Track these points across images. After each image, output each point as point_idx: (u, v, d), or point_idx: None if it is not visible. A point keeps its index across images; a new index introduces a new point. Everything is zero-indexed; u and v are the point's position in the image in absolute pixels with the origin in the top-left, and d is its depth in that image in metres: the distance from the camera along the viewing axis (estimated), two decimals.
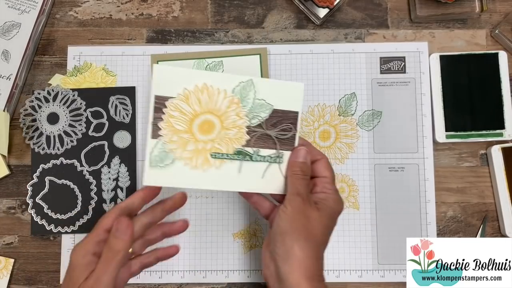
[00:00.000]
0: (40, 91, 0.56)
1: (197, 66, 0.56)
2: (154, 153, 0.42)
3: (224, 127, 0.44)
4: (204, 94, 0.43)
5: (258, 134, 0.44)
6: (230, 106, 0.44)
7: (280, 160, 0.44)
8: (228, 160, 0.44)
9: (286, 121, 0.44)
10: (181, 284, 0.55)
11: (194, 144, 0.43)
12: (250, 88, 0.44)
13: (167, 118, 0.43)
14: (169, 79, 0.43)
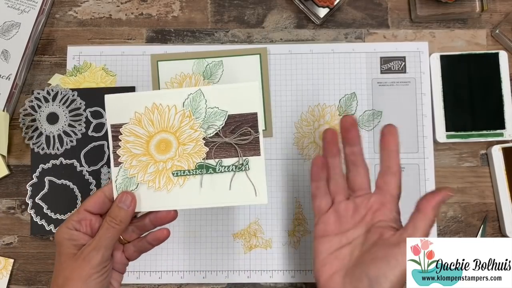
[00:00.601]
0: (40, 91, 0.56)
1: (197, 66, 0.56)
2: (119, 180, 0.43)
3: (181, 143, 0.43)
4: (155, 114, 0.43)
5: (218, 144, 0.42)
6: (182, 120, 0.43)
7: (246, 167, 0.42)
8: (191, 176, 0.42)
9: (245, 124, 0.42)
10: (181, 284, 0.55)
11: (154, 166, 0.43)
12: (200, 98, 0.42)
13: (124, 144, 0.43)
14: (120, 106, 0.43)
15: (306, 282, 0.55)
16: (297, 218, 0.55)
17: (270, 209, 0.55)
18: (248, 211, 0.55)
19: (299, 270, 0.55)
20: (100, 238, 0.40)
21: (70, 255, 0.39)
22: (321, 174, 0.44)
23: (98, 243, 0.39)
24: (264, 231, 0.55)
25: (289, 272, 0.55)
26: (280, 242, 0.55)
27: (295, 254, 0.55)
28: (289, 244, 0.55)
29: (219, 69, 0.56)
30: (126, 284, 0.55)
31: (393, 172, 0.43)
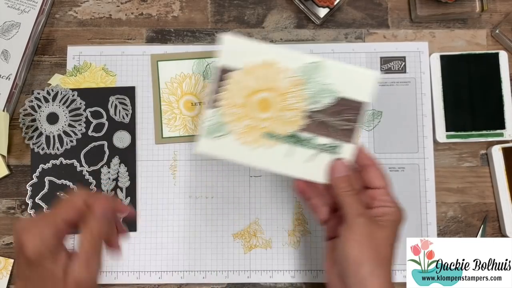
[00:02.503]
0: (40, 91, 0.56)
1: (197, 66, 0.56)
2: (210, 122, 0.42)
3: (283, 107, 0.42)
4: (269, 70, 0.41)
5: (317, 121, 0.41)
6: (293, 86, 0.42)
7: (335, 150, 0.42)
8: (279, 141, 0.42)
9: (350, 111, 0.41)
10: (181, 284, 0.55)
11: (249, 120, 0.42)
12: (319, 70, 0.41)
13: (227, 90, 0.42)
14: (237, 50, 0.41)
15: (306, 282, 0.55)
16: (297, 218, 0.55)
17: (270, 209, 0.55)
18: (248, 211, 0.55)
19: (299, 270, 0.55)
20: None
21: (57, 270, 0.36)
22: (308, 194, 0.45)
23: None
24: (264, 231, 0.55)
25: (289, 272, 0.55)
26: (280, 242, 0.55)
27: (295, 254, 0.55)
28: (289, 244, 0.55)
29: None
30: (126, 284, 0.55)
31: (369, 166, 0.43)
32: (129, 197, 0.55)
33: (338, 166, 0.42)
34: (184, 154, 0.56)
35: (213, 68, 0.41)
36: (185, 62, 0.56)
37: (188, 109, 0.56)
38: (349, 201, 0.41)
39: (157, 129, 0.55)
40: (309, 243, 0.55)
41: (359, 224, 0.39)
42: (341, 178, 0.42)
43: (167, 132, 0.55)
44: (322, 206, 0.45)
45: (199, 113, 0.55)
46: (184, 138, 0.55)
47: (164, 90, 0.56)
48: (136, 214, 0.53)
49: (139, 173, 0.56)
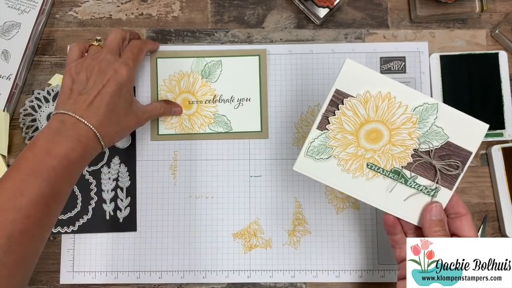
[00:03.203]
0: (40, 91, 0.56)
1: (196, 65, 0.56)
2: (314, 143, 0.42)
3: (391, 142, 0.43)
4: (385, 103, 0.42)
5: (422, 161, 0.42)
6: (405, 123, 0.42)
7: (434, 194, 0.43)
8: (382, 175, 0.43)
9: (456, 157, 0.42)
10: (181, 284, 0.55)
11: (355, 148, 0.43)
12: (433, 112, 0.42)
13: (339, 115, 0.42)
14: (356, 77, 0.42)
15: (306, 282, 0.55)
16: (297, 218, 0.55)
17: (270, 209, 0.55)
18: (248, 211, 0.55)
19: (299, 270, 0.55)
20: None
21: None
22: (395, 230, 0.45)
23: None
24: (264, 231, 0.55)
25: (289, 272, 0.55)
26: (280, 242, 0.55)
27: (295, 254, 0.55)
28: (289, 244, 0.55)
29: (217, 69, 0.56)
30: (126, 284, 0.55)
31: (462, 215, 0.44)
32: (129, 197, 0.55)
33: (434, 208, 0.42)
34: (184, 154, 0.56)
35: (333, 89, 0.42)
36: (184, 60, 0.56)
37: (185, 107, 0.56)
38: None
39: (153, 126, 0.56)
40: (309, 243, 0.55)
41: None
42: (436, 221, 0.42)
43: (163, 129, 0.56)
44: (404, 244, 0.45)
45: (195, 112, 0.55)
46: (180, 136, 0.56)
47: (162, 87, 0.56)
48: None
49: (139, 173, 0.56)
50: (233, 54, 0.56)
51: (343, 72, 0.42)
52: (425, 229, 0.42)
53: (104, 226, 0.55)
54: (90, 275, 0.55)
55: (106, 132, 0.44)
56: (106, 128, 0.44)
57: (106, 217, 0.55)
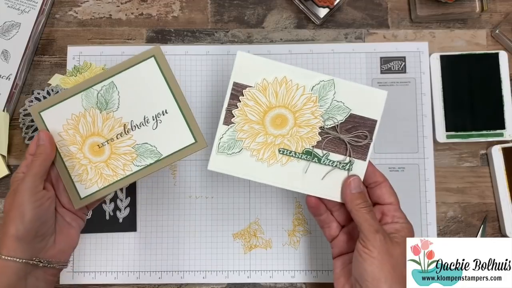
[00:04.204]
0: (40, 91, 0.56)
1: (86, 99, 0.45)
2: (224, 139, 0.42)
3: (297, 124, 0.43)
4: (283, 88, 0.42)
5: (331, 137, 0.43)
6: (306, 103, 0.43)
7: (350, 167, 0.43)
8: (295, 158, 0.43)
9: (363, 128, 0.43)
10: (181, 285, 0.55)
11: (264, 137, 0.43)
12: (330, 88, 0.43)
13: (241, 106, 0.42)
14: (250, 67, 0.42)
15: (306, 282, 0.55)
16: (297, 218, 0.55)
17: (270, 209, 0.55)
18: (248, 211, 0.55)
19: (299, 270, 0.55)
20: (28, 169, 0.43)
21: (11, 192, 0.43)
22: (319, 210, 0.45)
23: (25, 175, 0.42)
24: (264, 231, 0.55)
25: (289, 272, 0.55)
26: (280, 242, 0.55)
27: (295, 254, 0.55)
28: (289, 244, 0.55)
29: (113, 93, 0.45)
30: (126, 284, 0.55)
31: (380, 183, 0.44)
32: (129, 197, 0.55)
33: (352, 182, 0.43)
34: None
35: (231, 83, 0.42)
36: (70, 100, 0.45)
37: (95, 153, 0.45)
38: (366, 217, 0.41)
39: (72, 192, 0.45)
40: (309, 243, 0.55)
41: (377, 240, 0.40)
42: (357, 194, 0.42)
43: (83, 190, 0.45)
44: (331, 222, 0.46)
45: (111, 153, 0.45)
46: (106, 189, 0.45)
47: (60, 143, 0.45)
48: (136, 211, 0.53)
49: None
50: (122, 68, 0.45)
51: (237, 64, 0.42)
52: (347, 203, 0.43)
53: (104, 226, 0.55)
54: (90, 275, 0.55)
55: None
56: None
57: (106, 217, 0.55)
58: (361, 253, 0.40)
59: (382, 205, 0.44)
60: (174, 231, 0.55)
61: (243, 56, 0.42)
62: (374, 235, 0.40)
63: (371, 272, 0.40)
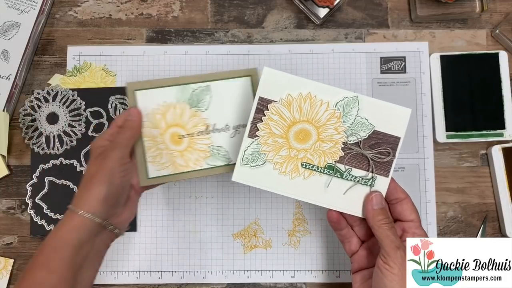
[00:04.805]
0: (40, 91, 0.56)
1: (182, 93, 0.48)
2: (248, 152, 0.43)
3: (320, 139, 0.43)
4: (307, 103, 0.43)
5: (354, 153, 0.43)
6: (330, 119, 0.43)
7: (372, 183, 0.43)
8: (317, 172, 0.43)
9: (386, 144, 0.43)
10: (181, 285, 0.55)
11: (287, 150, 0.44)
12: (354, 104, 0.43)
13: (266, 120, 0.43)
14: (276, 83, 0.43)
15: (306, 282, 0.55)
16: (297, 218, 0.55)
17: (270, 209, 0.55)
18: (248, 211, 0.55)
19: (299, 270, 0.55)
20: (116, 140, 0.44)
21: (96, 156, 0.44)
22: (340, 225, 0.46)
23: (115, 144, 0.44)
24: (264, 231, 0.55)
25: (289, 272, 0.55)
26: (280, 242, 0.55)
27: (295, 254, 0.55)
28: (289, 244, 0.55)
29: (206, 95, 0.48)
30: (126, 284, 0.55)
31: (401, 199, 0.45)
32: None
33: (374, 198, 0.43)
34: None
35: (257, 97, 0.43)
36: (167, 89, 0.48)
37: (175, 142, 0.48)
38: (388, 234, 0.41)
39: (142, 170, 0.47)
40: (309, 243, 0.55)
41: (398, 257, 0.40)
42: (378, 210, 0.42)
43: (153, 172, 0.47)
44: (352, 237, 0.46)
45: (188, 146, 0.48)
46: (173, 176, 0.48)
47: (145, 123, 0.47)
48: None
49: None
50: (222, 77, 0.48)
51: (263, 80, 0.43)
52: (369, 219, 0.43)
53: None
54: None
55: None
56: None
57: None
58: (381, 269, 0.41)
59: (403, 222, 0.44)
60: (174, 231, 0.55)
61: (270, 72, 0.43)
62: (395, 251, 0.40)
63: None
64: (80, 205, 0.41)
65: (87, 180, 0.42)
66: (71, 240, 0.40)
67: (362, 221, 0.45)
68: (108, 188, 0.42)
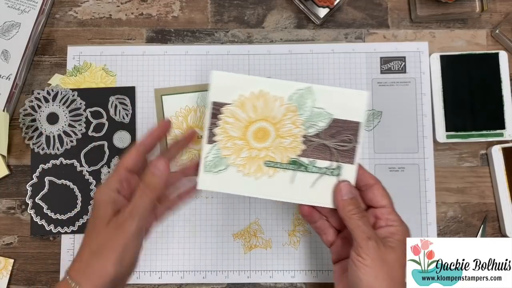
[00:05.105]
0: (40, 91, 0.56)
1: (201, 99, 0.55)
2: (209, 158, 0.43)
3: (279, 135, 0.43)
4: (260, 101, 0.43)
5: (315, 144, 0.43)
6: (286, 114, 0.43)
7: (338, 172, 0.43)
8: (281, 169, 0.43)
9: (347, 131, 0.43)
10: (181, 285, 0.55)
11: (248, 151, 0.43)
12: (308, 96, 0.43)
13: (222, 124, 0.43)
14: (226, 85, 0.43)
15: (306, 282, 0.55)
16: (297, 218, 0.55)
17: (270, 209, 0.55)
18: (248, 211, 0.55)
19: (299, 270, 0.55)
20: (134, 206, 0.39)
21: (106, 220, 0.39)
22: (313, 218, 0.45)
23: (133, 212, 0.39)
24: (264, 231, 0.55)
25: (289, 272, 0.55)
26: (280, 242, 0.55)
27: (295, 254, 0.55)
28: (289, 244, 0.55)
29: None
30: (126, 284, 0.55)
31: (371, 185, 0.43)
32: None
33: (343, 188, 0.42)
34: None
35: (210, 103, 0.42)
36: (189, 95, 0.55)
37: (195, 142, 0.54)
38: (358, 224, 0.40)
39: None
40: (309, 243, 0.55)
41: (370, 247, 0.39)
42: (347, 200, 0.41)
43: (174, 167, 0.52)
44: (327, 228, 0.45)
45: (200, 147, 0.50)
46: None
47: None
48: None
49: None
50: None
51: (214, 84, 0.43)
52: (339, 210, 0.42)
53: None
54: None
55: None
56: None
57: None
58: (355, 262, 0.40)
59: (376, 208, 0.42)
60: (174, 231, 0.55)
61: (219, 75, 0.43)
62: (367, 242, 0.39)
63: (366, 281, 0.39)
64: (81, 281, 0.36)
65: (94, 250, 0.37)
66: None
67: (335, 211, 0.44)
68: (118, 268, 0.37)
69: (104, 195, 0.40)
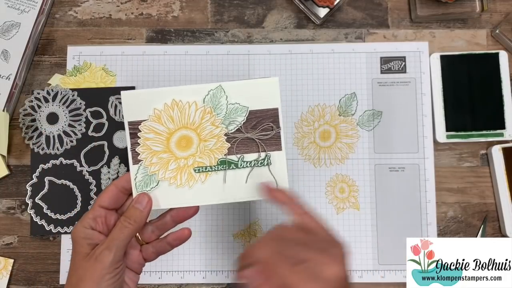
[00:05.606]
0: (40, 91, 0.56)
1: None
2: (138, 178, 0.42)
3: (203, 139, 0.43)
4: (175, 110, 0.42)
5: (239, 140, 0.43)
6: (203, 117, 0.43)
7: (268, 162, 0.43)
8: (212, 172, 0.43)
9: (266, 120, 0.43)
10: (181, 285, 0.55)
11: (175, 162, 0.43)
12: (221, 94, 0.42)
13: (143, 142, 0.42)
14: (138, 102, 0.42)
15: None
16: None
17: (270, 209, 0.55)
18: (248, 211, 0.55)
19: None
20: (113, 237, 0.39)
21: (83, 254, 0.39)
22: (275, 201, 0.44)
23: (110, 243, 0.39)
24: (264, 232, 0.55)
25: None
26: None
27: None
28: None
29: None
30: None
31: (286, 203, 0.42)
32: None
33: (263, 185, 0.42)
34: None
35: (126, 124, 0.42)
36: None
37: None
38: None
39: None
40: None
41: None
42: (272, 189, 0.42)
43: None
44: None
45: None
46: None
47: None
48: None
49: None
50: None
51: (125, 104, 0.42)
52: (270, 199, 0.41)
53: None
54: None
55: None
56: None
57: None
58: None
59: None
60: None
61: (128, 95, 0.42)
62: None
63: None
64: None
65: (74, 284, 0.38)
66: None
67: None
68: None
69: (78, 232, 0.40)
